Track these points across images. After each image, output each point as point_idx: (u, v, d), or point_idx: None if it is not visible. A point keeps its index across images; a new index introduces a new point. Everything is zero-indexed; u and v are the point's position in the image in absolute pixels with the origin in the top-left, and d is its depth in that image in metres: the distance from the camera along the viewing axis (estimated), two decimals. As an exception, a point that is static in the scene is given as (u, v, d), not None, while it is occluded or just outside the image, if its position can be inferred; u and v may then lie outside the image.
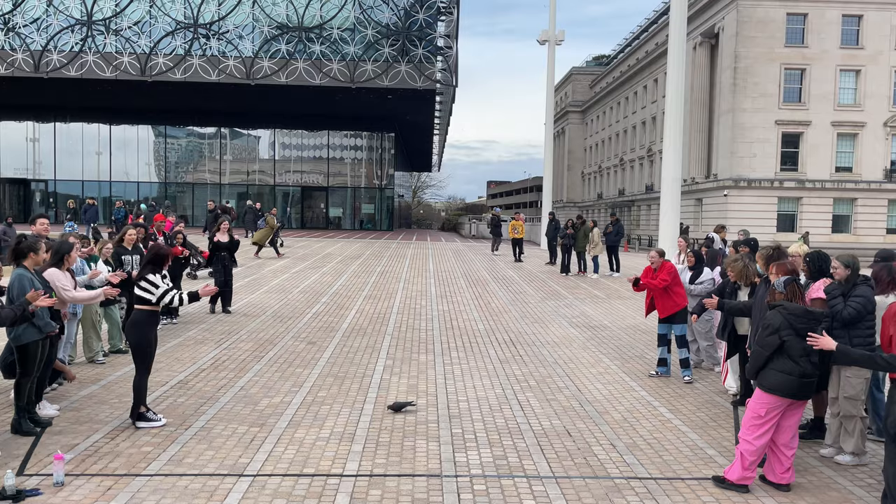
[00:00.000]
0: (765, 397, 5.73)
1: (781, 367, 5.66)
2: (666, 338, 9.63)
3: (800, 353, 5.62)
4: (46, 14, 36.55)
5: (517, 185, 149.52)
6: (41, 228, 8.90)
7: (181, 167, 49.36)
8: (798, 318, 5.66)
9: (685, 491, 5.79)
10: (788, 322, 5.66)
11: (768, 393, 5.71)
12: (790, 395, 5.66)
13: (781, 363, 5.66)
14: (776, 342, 5.68)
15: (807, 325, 5.63)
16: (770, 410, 5.69)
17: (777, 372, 5.67)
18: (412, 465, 6.19)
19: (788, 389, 5.64)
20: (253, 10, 36.85)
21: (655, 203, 48.15)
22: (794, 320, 5.66)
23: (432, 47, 36.54)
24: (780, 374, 5.65)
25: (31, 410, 6.84)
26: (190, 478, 5.77)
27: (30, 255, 6.83)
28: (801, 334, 5.60)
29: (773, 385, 5.68)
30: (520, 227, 27.38)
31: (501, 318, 13.90)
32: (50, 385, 7.79)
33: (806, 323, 5.65)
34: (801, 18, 45.56)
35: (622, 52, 78.98)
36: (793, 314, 5.69)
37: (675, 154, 18.13)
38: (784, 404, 5.71)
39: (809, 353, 5.65)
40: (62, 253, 7.46)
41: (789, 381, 5.63)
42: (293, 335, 11.72)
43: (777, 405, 5.69)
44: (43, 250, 7.03)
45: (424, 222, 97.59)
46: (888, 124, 45.99)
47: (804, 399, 5.78)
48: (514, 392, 8.62)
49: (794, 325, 5.65)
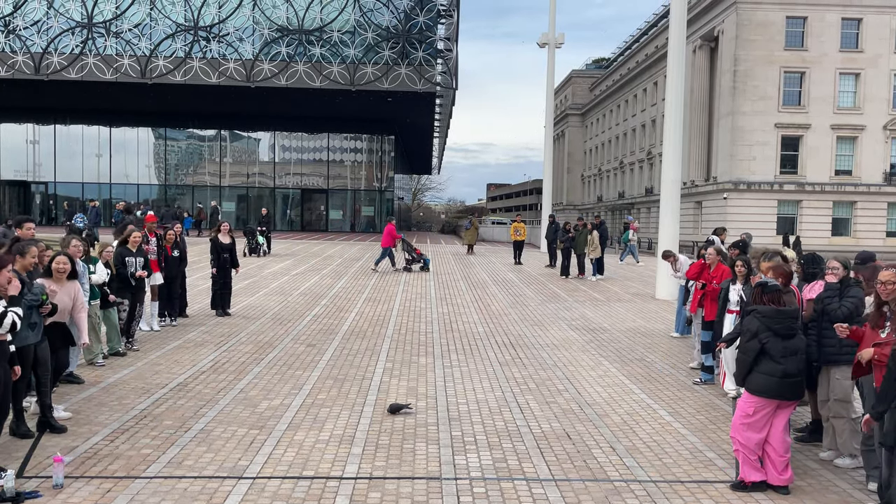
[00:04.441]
0: (752, 398, 5.84)
1: (765, 369, 5.75)
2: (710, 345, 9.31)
3: (781, 353, 5.72)
4: (47, 16, 36.57)
5: (517, 188, 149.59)
6: (28, 233, 8.63)
7: (181, 169, 49.37)
8: (773, 320, 5.78)
9: (685, 494, 5.78)
10: (765, 325, 5.76)
11: (755, 395, 5.81)
12: (776, 395, 5.75)
13: (765, 365, 5.75)
14: (757, 346, 5.79)
15: (782, 325, 5.76)
16: (758, 410, 5.80)
17: (761, 374, 5.77)
18: (412, 467, 6.19)
19: (774, 390, 5.73)
20: (253, 13, 36.88)
21: (655, 206, 48.11)
22: (770, 322, 5.77)
23: (432, 50, 36.56)
24: (764, 377, 5.75)
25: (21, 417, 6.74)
26: (189, 480, 5.77)
27: (17, 258, 6.74)
28: (780, 334, 5.72)
29: (759, 387, 5.78)
30: (521, 229, 27.41)
31: (501, 321, 13.89)
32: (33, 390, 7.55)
33: (781, 322, 5.77)
34: (800, 21, 45.61)
35: (622, 55, 79.04)
36: (767, 316, 5.79)
37: (674, 157, 18.14)
38: (772, 405, 5.78)
39: (795, 352, 5.76)
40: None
41: (773, 382, 5.72)
42: (293, 338, 11.71)
43: (764, 405, 5.78)
44: (31, 254, 6.91)
45: (424, 225, 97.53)
46: (888, 127, 46.02)
47: (791, 399, 5.82)
48: (513, 395, 8.61)
49: (770, 326, 5.75)
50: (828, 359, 6.55)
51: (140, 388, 8.44)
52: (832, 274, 6.84)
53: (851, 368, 6.31)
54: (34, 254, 6.97)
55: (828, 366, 6.59)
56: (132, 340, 10.55)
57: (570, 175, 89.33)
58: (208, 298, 13.97)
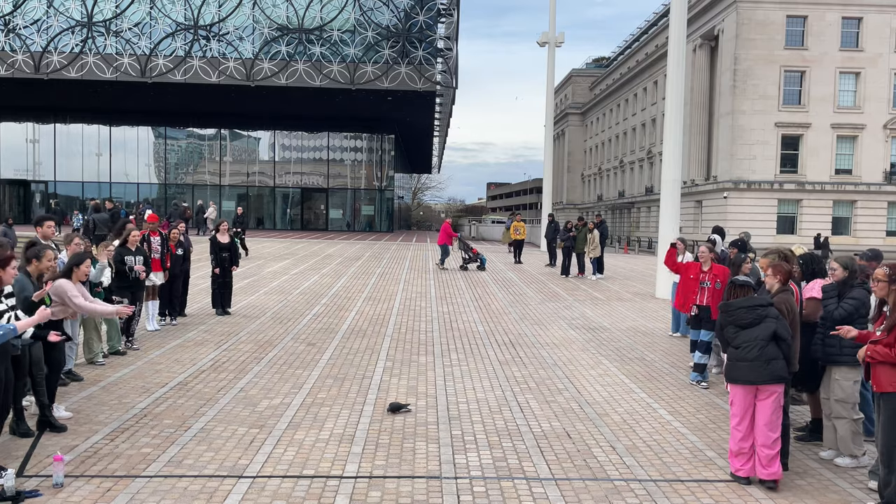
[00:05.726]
0: (730, 389, 6.19)
1: (728, 356, 6.14)
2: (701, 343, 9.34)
3: (737, 339, 6.07)
4: (47, 15, 36.58)
5: (517, 187, 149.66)
6: (49, 232, 8.75)
7: (181, 168, 49.37)
8: (728, 313, 6.18)
9: (685, 493, 5.79)
10: (724, 319, 6.21)
11: (729, 383, 6.17)
12: (735, 378, 6.02)
13: (729, 352, 6.15)
14: (724, 339, 6.23)
15: (735, 315, 6.11)
16: (735, 400, 6.07)
17: (729, 362, 6.13)
18: (412, 466, 6.19)
19: (732, 374, 6.04)
20: (253, 12, 36.89)
21: (655, 205, 48.15)
22: (726, 316, 6.20)
23: (432, 49, 36.57)
24: (730, 363, 6.12)
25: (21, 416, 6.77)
26: (189, 479, 5.77)
27: (32, 262, 6.81)
28: (737, 324, 6.09)
29: (726, 374, 6.16)
30: (521, 228, 27.41)
31: (501, 320, 13.90)
32: None
33: (733, 314, 6.12)
34: (800, 21, 45.62)
35: (622, 54, 79.05)
36: (723, 310, 6.28)
37: (674, 156, 18.14)
38: (742, 391, 5.99)
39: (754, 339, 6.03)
40: (73, 264, 7.56)
41: (731, 366, 6.07)
42: (293, 337, 11.72)
43: (739, 394, 6.02)
44: (48, 258, 6.96)
45: (424, 224, 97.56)
46: (888, 126, 46.04)
47: (752, 382, 5.94)
48: (513, 394, 8.61)
49: (727, 319, 6.17)
50: (829, 359, 6.56)
51: (140, 387, 8.44)
52: (831, 275, 6.85)
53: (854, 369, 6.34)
54: (50, 258, 7.01)
55: (830, 366, 6.60)
56: (132, 339, 10.55)
57: (571, 174, 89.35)
58: (208, 297, 13.97)
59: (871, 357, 5.43)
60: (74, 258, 7.93)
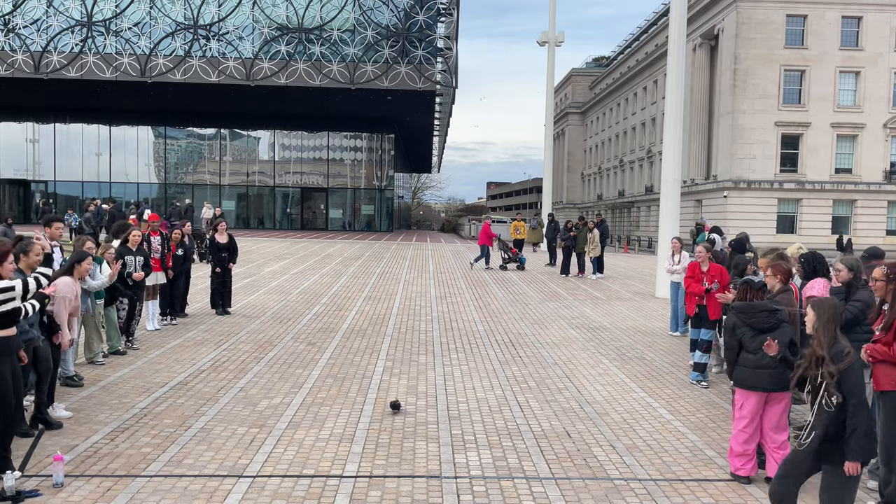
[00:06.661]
0: (739, 393, 6.01)
1: (743, 361, 5.95)
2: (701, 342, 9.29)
3: (755, 344, 5.86)
4: (46, 15, 36.58)
5: (517, 187, 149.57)
6: (56, 233, 8.72)
7: (181, 168, 49.36)
8: (746, 315, 5.97)
9: (685, 492, 5.79)
10: (741, 320, 5.97)
11: (740, 388, 5.98)
12: (753, 386, 5.87)
13: (742, 357, 5.95)
14: (735, 341, 5.99)
15: (756, 318, 5.92)
16: (745, 405, 5.93)
17: (741, 367, 5.95)
18: (412, 466, 6.19)
19: (750, 381, 5.88)
20: (253, 12, 36.89)
21: (655, 204, 48.16)
22: (745, 317, 5.97)
23: (432, 49, 36.56)
24: (743, 369, 5.94)
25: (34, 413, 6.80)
26: (189, 479, 5.77)
27: (21, 258, 6.75)
28: (755, 328, 5.89)
29: (740, 379, 5.96)
30: (521, 227, 27.41)
31: (501, 320, 13.90)
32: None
33: (754, 316, 5.94)
34: (800, 20, 45.60)
35: (622, 53, 79.03)
36: (742, 311, 6.01)
37: (674, 155, 18.13)
38: (756, 398, 5.88)
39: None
40: (74, 261, 7.60)
41: (749, 373, 5.89)
42: (293, 336, 11.72)
43: (749, 399, 5.90)
44: (35, 253, 6.92)
45: (424, 223, 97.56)
46: (888, 126, 46.02)
47: (770, 390, 5.84)
48: (513, 393, 8.61)
49: (744, 321, 5.96)
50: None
51: (140, 387, 8.44)
52: (836, 276, 6.81)
53: None
54: (37, 252, 6.96)
55: None
56: (132, 339, 10.55)
57: (571, 173, 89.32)
58: (208, 297, 13.97)
59: (871, 356, 5.43)
60: (75, 256, 7.94)
